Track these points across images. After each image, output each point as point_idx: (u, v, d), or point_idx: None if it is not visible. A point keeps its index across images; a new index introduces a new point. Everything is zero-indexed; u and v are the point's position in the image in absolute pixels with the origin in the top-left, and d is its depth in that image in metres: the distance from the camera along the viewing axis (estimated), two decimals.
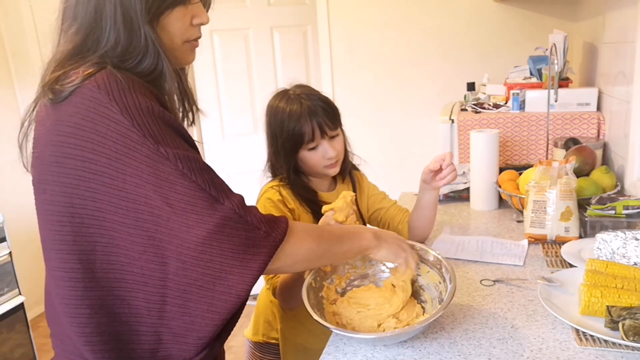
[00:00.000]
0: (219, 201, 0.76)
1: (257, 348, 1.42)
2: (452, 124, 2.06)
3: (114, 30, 0.79)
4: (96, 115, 0.73)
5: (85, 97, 0.74)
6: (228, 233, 0.75)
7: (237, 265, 0.76)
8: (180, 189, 0.74)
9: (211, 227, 0.74)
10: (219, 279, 0.75)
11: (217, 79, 3.20)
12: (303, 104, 1.24)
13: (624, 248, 1.10)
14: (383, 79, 2.97)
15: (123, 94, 0.74)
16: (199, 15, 0.86)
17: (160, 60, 0.81)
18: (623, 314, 0.90)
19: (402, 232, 1.41)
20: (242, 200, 0.80)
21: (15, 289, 2.39)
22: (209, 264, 0.75)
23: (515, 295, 1.10)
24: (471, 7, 2.77)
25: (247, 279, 0.76)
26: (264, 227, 0.79)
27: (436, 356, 0.91)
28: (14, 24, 3.15)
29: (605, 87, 1.91)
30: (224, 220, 0.75)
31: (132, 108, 0.74)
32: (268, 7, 3.14)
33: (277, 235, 0.80)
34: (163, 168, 0.73)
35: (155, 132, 0.74)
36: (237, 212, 0.76)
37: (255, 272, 0.77)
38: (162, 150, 0.74)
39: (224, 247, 0.75)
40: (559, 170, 1.36)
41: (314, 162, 1.29)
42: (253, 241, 0.77)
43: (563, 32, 2.06)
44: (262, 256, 0.78)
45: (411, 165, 2.81)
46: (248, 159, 3.26)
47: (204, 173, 0.76)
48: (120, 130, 0.73)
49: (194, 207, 0.74)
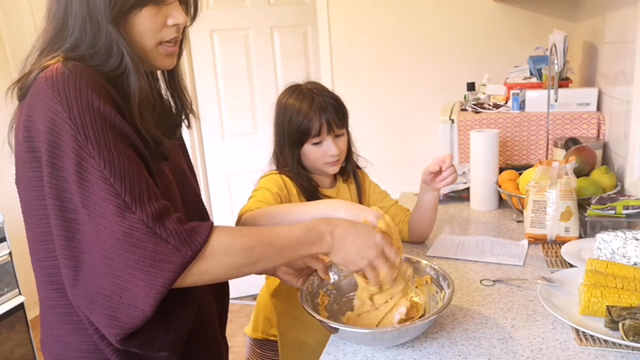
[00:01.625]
0: (130, 209, 0.72)
1: (257, 345, 1.42)
2: (452, 124, 2.06)
3: (79, 28, 0.78)
4: (41, 107, 0.73)
5: (35, 90, 0.75)
6: (134, 243, 0.72)
7: (142, 278, 0.72)
8: (96, 190, 0.72)
9: (119, 235, 0.71)
10: (126, 290, 0.72)
11: (217, 79, 3.20)
12: (315, 99, 1.26)
13: (624, 248, 1.10)
14: (383, 78, 2.97)
15: (67, 85, 0.73)
16: (174, 15, 0.82)
17: (124, 60, 0.79)
18: (623, 314, 0.90)
19: (402, 232, 1.41)
20: (162, 210, 0.75)
21: (15, 289, 2.39)
22: (117, 273, 0.72)
23: (515, 295, 1.10)
24: (471, 7, 2.77)
25: (152, 293, 0.72)
26: (174, 241, 0.74)
27: (436, 356, 0.91)
28: (14, 24, 3.15)
29: (605, 87, 1.91)
30: (130, 229, 0.72)
31: (72, 99, 0.72)
32: (268, 7, 3.14)
33: (187, 251, 0.74)
34: (86, 166, 0.72)
35: (89, 128, 0.72)
36: (146, 222, 0.73)
37: (160, 288, 0.72)
38: (90, 148, 0.72)
39: (129, 257, 0.72)
40: (559, 170, 1.36)
41: (315, 157, 1.29)
42: (159, 255, 0.73)
43: (563, 32, 2.06)
44: (168, 272, 0.73)
45: (411, 165, 2.81)
46: (248, 159, 3.26)
47: (125, 178, 0.73)
48: (58, 121, 0.72)
49: (105, 212, 0.72)
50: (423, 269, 1.08)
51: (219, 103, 3.23)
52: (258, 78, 3.22)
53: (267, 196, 1.21)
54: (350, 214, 0.98)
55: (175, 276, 0.73)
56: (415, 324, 0.90)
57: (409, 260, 1.08)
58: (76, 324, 0.82)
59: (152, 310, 0.73)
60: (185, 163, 1.00)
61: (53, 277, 0.81)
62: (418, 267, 1.08)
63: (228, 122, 3.28)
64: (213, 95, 3.21)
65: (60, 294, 0.81)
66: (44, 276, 0.82)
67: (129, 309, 0.73)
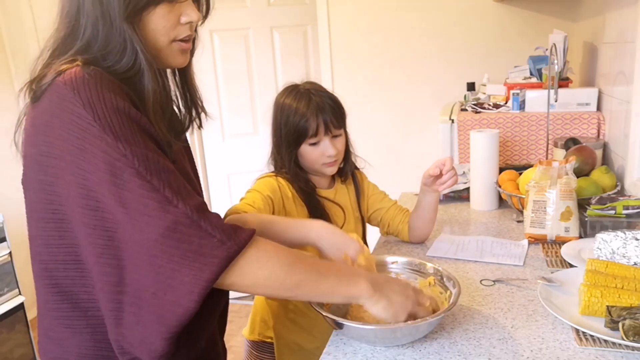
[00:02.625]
0: (172, 203, 0.71)
1: (254, 347, 1.42)
2: (452, 124, 2.06)
3: (91, 26, 0.77)
4: (62, 111, 0.72)
5: (53, 94, 0.74)
6: (178, 238, 0.71)
7: (187, 273, 0.71)
8: (133, 187, 0.71)
9: (161, 230, 0.70)
10: (170, 287, 0.71)
11: (217, 79, 3.20)
12: (312, 99, 1.25)
13: (624, 248, 1.10)
14: (383, 78, 2.97)
15: (88, 89, 0.72)
16: (187, 13, 0.81)
17: (138, 59, 0.78)
18: (623, 314, 0.90)
19: (402, 232, 1.41)
20: (201, 205, 0.75)
21: (15, 289, 2.39)
22: (161, 270, 0.71)
23: (515, 295, 1.10)
24: (471, 7, 2.77)
25: (196, 289, 0.71)
26: (219, 234, 0.73)
27: (436, 356, 0.91)
28: (14, 24, 3.15)
29: (605, 87, 1.91)
30: (174, 223, 0.71)
31: (95, 102, 0.71)
32: (268, 7, 3.14)
33: (232, 245, 0.73)
34: (119, 165, 0.71)
35: (116, 128, 0.71)
36: (190, 216, 0.72)
37: (204, 284, 0.71)
38: (121, 147, 0.71)
39: (174, 252, 0.71)
40: (559, 170, 1.36)
41: (313, 158, 1.29)
42: (204, 248, 0.72)
43: (563, 32, 2.06)
44: (213, 266, 0.71)
45: (411, 165, 2.81)
46: (248, 159, 3.26)
47: (161, 174, 0.73)
48: (82, 124, 0.71)
49: (145, 208, 0.70)
50: (427, 270, 1.08)
51: (219, 103, 3.23)
52: (258, 78, 3.23)
53: (256, 199, 1.19)
54: (333, 245, 1.00)
55: (221, 270, 0.72)
56: (427, 320, 0.89)
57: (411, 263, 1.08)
58: (75, 327, 0.81)
59: (196, 306, 0.72)
60: (189, 167, 0.99)
61: (55, 280, 0.80)
62: (422, 270, 1.08)
63: (228, 122, 3.28)
64: (213, 95, 3.20)
65: (61, 297, 0.80)
66: (46, 279, 0.81)
67: (173, 307, 0.72)
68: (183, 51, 0.85)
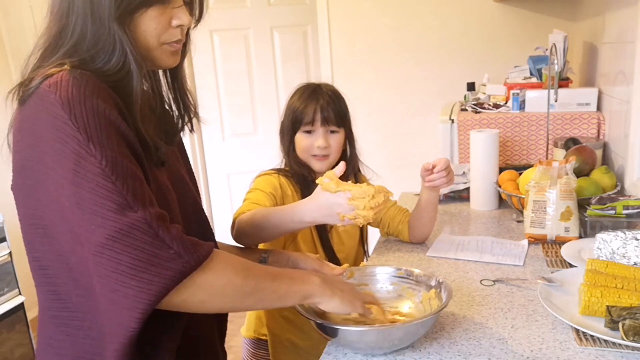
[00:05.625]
0: (132, 208, 0.67)
1: (251, 344, 1.43)
2: (452, 124, 2.06)
3: (81, 24, 0.76)
4: (44, 114, 0.71)
5: (38, 97, 0.73)
6: (130, 243, 0.66)
7: (133, 285, 0.66)
8: (95, 187, 0.67)
9: (112, 233, 0.66)
10: (112, 302, 0.67)
11: (217, 79, 3.20)
12: (317, 91, 1.32)
13: (624, 248, 1.10)
14: (383, 78, 2.97)
15: (70, 90, 0.70)
16: (179, 16, 0.81)
17: (127, 60, 0.77)
18: (623, 314, 0.90)
19: (402, 232, 1.41)
20: (164, 216, 0.71)
21: (15, 289, 2.39)
22: (105, 280, 0.67)
23: (515, 295, 1.10)
24: (471, 7, 2.77)
25: (140, 304, 0.66)
26: (177, 247, 0.69)
27: (436, 356, 0.91)
28: (14, 24, 3.15)
29: (605, 87, 1.91)
30: (128, 227, 0.66)
31: (74, 102, 0.70)
32: (268, 7, 3.14)
33: (190, 260, 0.69)
34: (85, 164, 0.68)
35: (91, 129, 0.69)
36: (148, 222, 0.68)
37: (151, 297, 0.66)
38: (91, 147, 0.68)
39: (122, 259, 0.66)
40: (559, 170, 1.36)
41: (304, 146, 1.32)
42: (158, 259, 0.67)
43: (563, 32, 2.06)
44: (165, 279, 0.67)
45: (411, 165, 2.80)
46: (248, 159, 3.26)
47: (127, 179, 0.69)
48: (58, 124, 0.69)
49: (101, 209, 0.67)
50: (428, 282, 1.05)
51: (219, 103, 3.23)
52: (258, 78, 3.23)
53: (260, 197, 1.22)
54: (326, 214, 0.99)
55: (172, 284, 0.68)
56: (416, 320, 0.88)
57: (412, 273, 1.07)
58: (75, 336, 0.79)
59: (137, 326, 0.67)
60: (185, 170, 0.98)
61: (54, 287, 0.79)
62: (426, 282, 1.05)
63: (228, 122, 3.28)
64: (213, 95, 3.21)
65: (61, 304, 0.79)
66: (46, 285, 0.80)
67: (114, 324, 0.69)
68: (173, 52, 0.85)
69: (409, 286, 1.08)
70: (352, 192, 0.96)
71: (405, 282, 1.09)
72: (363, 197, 0.95)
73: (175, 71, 0.92)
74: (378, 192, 0.97)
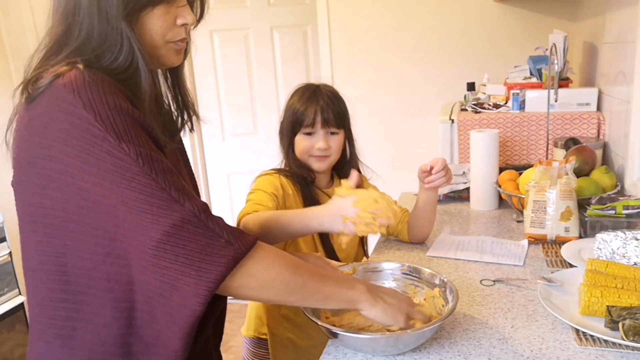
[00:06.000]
0: (179, 202, 0.71)
1: (251, 343, 1.43)
2: (452, 124, 2.06)
3: (88, 24, 0.76)
4: (61, 113, 0.71)
5: (52, 96, 0.73)
6: (184, 237, 0.70)
7: (192, 274, 0.70)
8: (138, 186, 0.70)
9: (167, 229, 0.69)
10: (175, 288, 0.70)
11: (217, 79, 3.20)
12: (317, 93, 1.31)
13: (624, 248, 1.10)
14: (383, 79, 2.97)
15: (89, 90, 0.71)
16: (183, 15, 0.82)
17: (135, 57, 0.77)
18: (623, 314, 0.90)
19: (402, 232, 1.41)
20: (207, 207, 0.74)
21: (15, 289, 2.39)
22: (165, 271, 0.70)
23: (515, 295, 1.10)
24: (471, 7, 2.77)
25: (202, 290, 0.70)
26: (227, 235, 0.73)
27: (436, 356, 0.91)
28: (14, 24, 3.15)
29: (605, 87, 1.91)
30: (181, 222, 0.70)
31: (97, 103, 0.70)
32: (268, 7, 3.14)
33: (240, 247, 0.73)
34: (122, 164, 0.70)
35: (119, 128, 0.71)
36: (197, 215, 0.71)
37: (210, 284, 0.70)
38: (124, 147, 0.70)
39: (179, 252, 0.69)
40: (559, 170, 1.36)
41: (303, 148, 1.32)
42: (211, 249, 0.71)
43: (563, 32, 2.06)
44: (220, 267, 0.71)
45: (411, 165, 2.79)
46: (248, 159, 3.26)
47: (166, 174, 0.72)
48: (83, 125, 0.70)
49: (150, 207, 0.69)
50: (432, 280, 1.05)
51: (219, 103, 3.23)
52: (258, 78, 3.22)
53: (263, 198, 1.21)
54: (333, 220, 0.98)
55: (227, 271, 0.71)
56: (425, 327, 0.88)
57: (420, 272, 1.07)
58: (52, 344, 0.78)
59: (202, 308, 0.71)
60: (185, 170, 0.98)
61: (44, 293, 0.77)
62: (429, 280, 1.06)
63: (228, 122, 3.28)
64: (213, 95, 3.21)
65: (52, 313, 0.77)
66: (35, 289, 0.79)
67: (180, 308, 0.71)
68: (178, 51, 0.85)
69: (411, 283, 1.09)
70: (357, 195, 0.97)
71: (408, 279, 1.10)
72: (366, 199, 0.96)
73: (176, 70, 0.93)
74: (382, 198, 0.97)
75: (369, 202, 0.96)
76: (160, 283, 0.71)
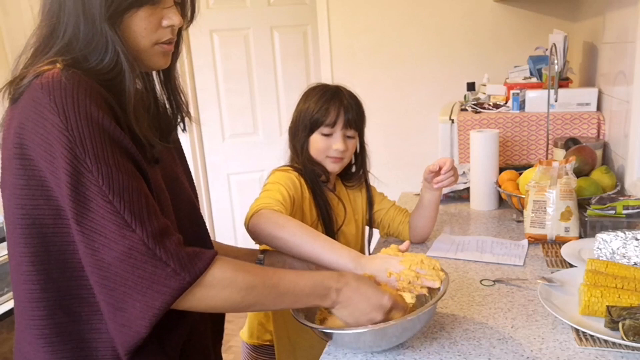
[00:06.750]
0: (130, 227, 0.71)
1: (253, 350, 1.42)
2: (452, 124, 2.06)
3: (73, 25, 0.76)
4: (36, 115, 0.71)
5: (30, 96, 0.72)
6: (133, 264, 0.71)
7: (139, 299, 0.71)
8: (94, 207, 0.70)
9: (117, 254, 0.70)
10: (121, 310, 0.72)
11: (217, 79, 3.20)
12: (339, 94, 1.30)
13: (624, 248, 1.10)
14: (383, 79, 2.97)
15: (64, 94, 0.70)
16: (169, 16, 0.81)
17: (119, 59, 0.77)
18: (623, 314, 0.90)
19: (402, 233, 1.41)
20: (162, 230, 0.74)
21: None
22: (112, 293, 0.72)
23: (515, 295, 1.10)
24: (471, 7, 2.77)
25: (147, 315, 0.72)
26: (174, 264, 0.72)
27: (436, 356, 0.91)
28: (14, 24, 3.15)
29: (605, 87, 1.91)
30: (129, 249, 0.71)
31: (69, 110, 0.70)
32: (268, 7, 3.14)
33: (185, 277, 0.73)
34: (83, 181, 0.70)
35: (86, 140, 0.70)
36: (146, 242, 0.71)
37: (156, 311, 0.72)
38: (88, 162, 0.70)
39: (127, 277, 0.71)
40: (559, 170, 1.36)
41: (320, 148, 1.29)
42: (157, 277, 0.71)
43: (563, 32, 2.06)
44: (165, 296, 0.72)
45: (411, 165, 2.81)
46: (248, 159, 3.26)
47: (124, 194, 0.72)
48: (54, 132, 0.70)
49: (103, 230, 0.71)
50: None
51: (219, 103, 3.23)
52: (258, 78, 3.22)
53: (284, 194, 1.17)
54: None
55: (172, 300, 0.72)
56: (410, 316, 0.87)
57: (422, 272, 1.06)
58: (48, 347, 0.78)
59: (147, 331, 0.72)
60: (181, 169, 0.98)
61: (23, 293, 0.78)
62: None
63: (228, 122, 3.28)
64: (213, 95, 3.21)
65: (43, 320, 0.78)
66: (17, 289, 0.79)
67: (122, 329, 0.73)
68: (165, 53, 0.85)
69: None
70: (405, 255, 0.99)
71: None
72: (413, 260, 0.98)
73: (168, 72, 0.92)
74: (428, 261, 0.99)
75: (415, 262, 0.98)
76: (107, 303, 0.73)
